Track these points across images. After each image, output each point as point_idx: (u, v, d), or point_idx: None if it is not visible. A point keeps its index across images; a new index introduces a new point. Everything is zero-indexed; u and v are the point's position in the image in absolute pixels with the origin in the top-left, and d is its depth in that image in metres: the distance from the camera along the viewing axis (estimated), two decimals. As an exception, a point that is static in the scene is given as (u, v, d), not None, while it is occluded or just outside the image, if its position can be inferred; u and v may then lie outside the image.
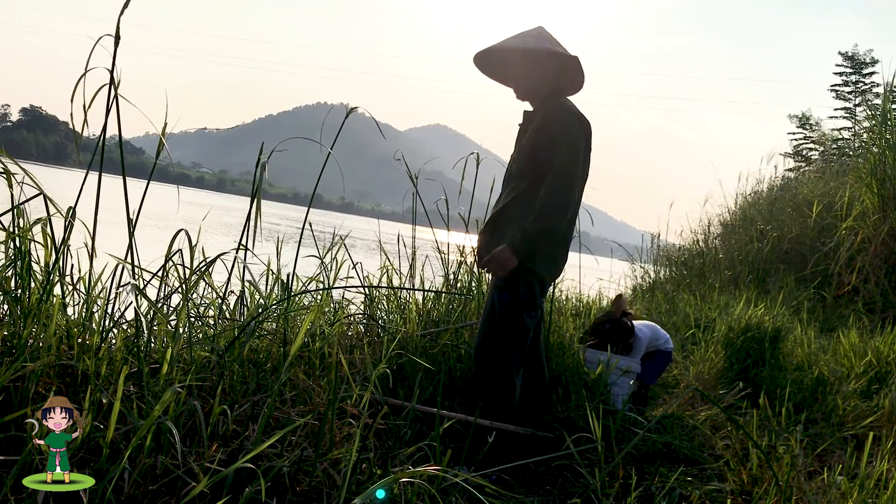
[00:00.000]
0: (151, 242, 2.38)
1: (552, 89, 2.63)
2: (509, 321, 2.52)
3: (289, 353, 1.87)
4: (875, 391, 3.71)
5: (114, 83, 1.87)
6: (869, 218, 6.78)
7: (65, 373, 1.78)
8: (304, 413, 1.97)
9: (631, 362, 3.35)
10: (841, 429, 3.23)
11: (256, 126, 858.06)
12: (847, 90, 15.34)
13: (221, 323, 2.37)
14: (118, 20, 1.83)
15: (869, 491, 2.11)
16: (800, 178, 11.03)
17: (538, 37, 2.61)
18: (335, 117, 2.46)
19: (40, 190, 1.87)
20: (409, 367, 2.70)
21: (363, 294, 3.15)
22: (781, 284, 7.12)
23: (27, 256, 1.80)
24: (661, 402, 3.78)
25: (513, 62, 2.66)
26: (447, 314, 3.25)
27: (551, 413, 2.85)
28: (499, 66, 2.74)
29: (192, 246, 2.21)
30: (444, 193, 3.40)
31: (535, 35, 2.62)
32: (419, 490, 1.75)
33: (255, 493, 1.50)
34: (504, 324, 2.52)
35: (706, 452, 2.76)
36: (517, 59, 2.62)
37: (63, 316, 1.86)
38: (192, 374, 1.81)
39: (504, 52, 2.65)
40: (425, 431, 2.40)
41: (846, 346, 4.43)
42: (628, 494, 2.14)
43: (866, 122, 10.17)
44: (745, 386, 3.66)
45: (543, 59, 2.58)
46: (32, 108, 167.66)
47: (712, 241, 10.04)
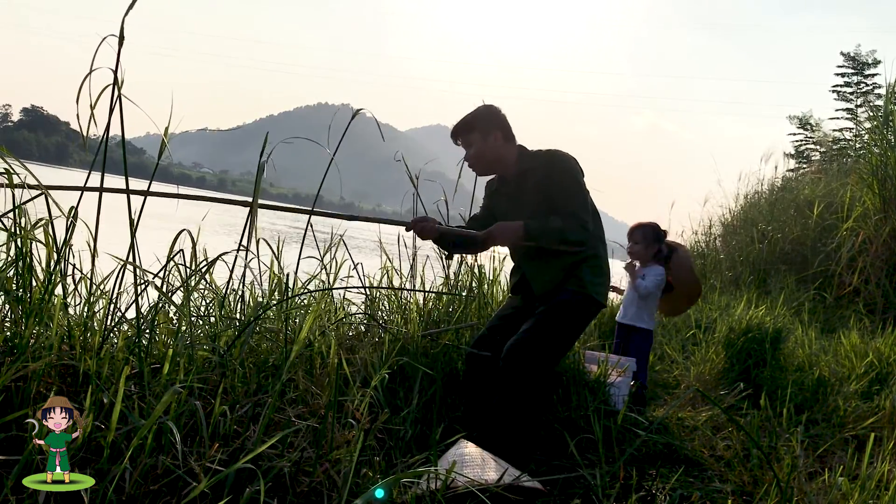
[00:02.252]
0: (153, 242, 2.39)
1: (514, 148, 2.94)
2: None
3: (290, 353, 1.87)
4: (876, 392, 3.71)
5: (117, 83, 1.88)
6: (870, 219, 6.77)
7: (66, 373, 1.78)
8: (304, 416, 1.97)
9: (629, 361, 3.35)
10: (842, 429, 3.23)
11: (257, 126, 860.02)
12: (849, 91, 15.34)
13: (223, 323, 2.37)
14: (122, 20, 1.84)
15: (870, 492, 2.11)
16: (801, 179, 11.02)
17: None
18: (339, 119, 2.47)
19: (42, 190, 1.87)
20: (409, 367, 2.70)
21: (364, 294, 3.16)
22: (782, 285, 7.12)
23: (29, 256, 1.80)
24: (661, 402, 3.78)
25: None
26: (448, 314, 3.25)
27: (552, 414, 2.85)
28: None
29: (193, 246, 2.21)
30: (444, 194, 3.40)
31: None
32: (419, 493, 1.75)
33: (255, 493, 1.50)
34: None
35: (707, 453, 2.76)
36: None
37: (64, 316, 1.86)
38: (193, 374, 1.81)
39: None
40: (426, 432, 2.41)
41: (847, 347, 4.43)
42: (629, 495, 2.14)
43: (868, 122, 10.16)
44: (745, 387, 3.65)
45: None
46: (34, 108, 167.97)
47: (713, 241, 10.04)
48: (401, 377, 2.68)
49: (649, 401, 3.62)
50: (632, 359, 3.38)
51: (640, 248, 3.71)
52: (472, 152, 2.89)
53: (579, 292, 2.75)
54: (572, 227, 2.69)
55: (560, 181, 2.77)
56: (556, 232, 2.67)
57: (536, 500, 2.14)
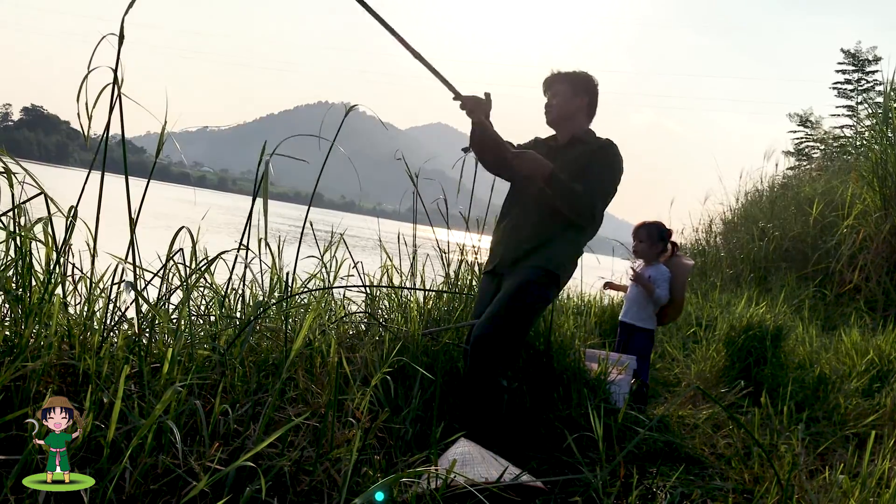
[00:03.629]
0: (153, 241, 2.38)
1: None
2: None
3: (290, 352, 1.87)
4: (877, 390, 3.71)
5: (117, 82, 1.87)
6: (870, 216, 6.77)
7: (66, 372, 1.78)
8: (304, 415, 1.97)
9: (630, 359, 3.35)
10: (842, 427, 3.23)
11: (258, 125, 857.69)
12: (849, 88, 15.31)
13: (223, 321, 2.37)
14: (122, 19, 1.83)
15: (871, 490, 2.11)
16: (801, 177, 11.02)
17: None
18: (335, 116, 2.46)
19: (41, 189, 1.87)
20: (409, 366, 2.70)
21: (364, 293, 3.15)
22: (783, 283, 7.12)
23: (28, 256, 1.80)
24: (662, 400, 3.78)
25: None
26: (448, 313, 3.24)
27: (552, 412, 2.85)
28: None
29: (193, 244, 2.21)
30: (444, 192, 3.40)
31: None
32: (420, 492, 1.75)
33: (255, 492, 1.50)
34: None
35: (708, 451, 2.76)
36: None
37: (64, 315, 1.86)
38: (193, 374, 1.81)
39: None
40: (426, 431, 2.40)
41: (848, 345, 4.43)
42: (629, 493, 2.14)
43: (868, 120, 10.14)
44: (746, 384, 3.66)
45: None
46: (34, 107, 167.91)
47: (714, 239, 10.04)
48: (402, 376, 2.68)
49: (650, 399, 3.62)
50: (632, 357, 3.38)
51: (645, 246, 3.72)
52: (555, 101, 2.96)
53: (542, 268, 2.71)
54: (586, 203, 2.70)
55: (600, 167, 2.81)
56: (573, 195, 2.68)
57: (537, 498, 2.14)
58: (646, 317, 3.67)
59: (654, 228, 3.73)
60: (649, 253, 3.71)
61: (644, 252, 3.73)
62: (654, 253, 3.71)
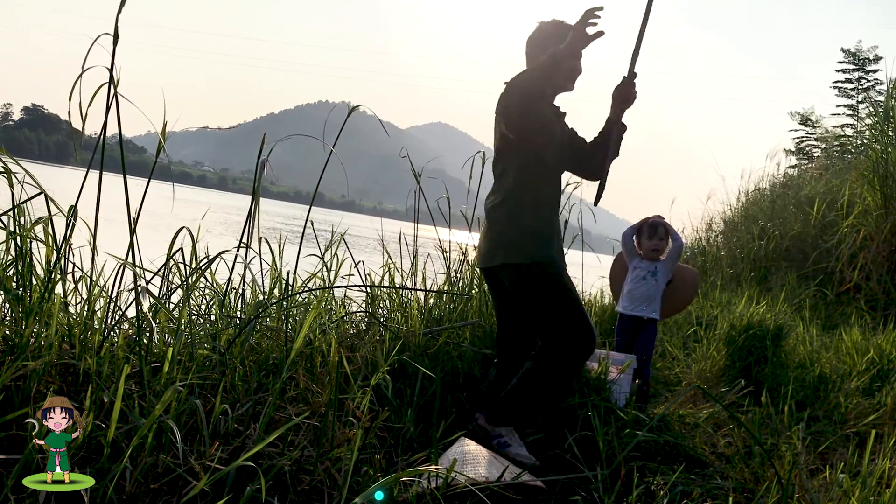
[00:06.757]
0: (153, 241, 2.38)
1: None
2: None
3: (290, 352, 1.87)
4: (877, 389, 3.71)
5: (113, 82, 1.87)
6: (871, 215, 6.77)
7: (66, 372, 1.78)
8: (305, 414, 1.97)
9: (630, 358, 3.34)
10: (843, 426, 3.23)
11: (258, 124, 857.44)
12: (850, 87, 15.28)
13: (223, 321, 2.37)
14: (116, 18, 1.83)
15: (871, 489, 2.10)
16: (802, 176, 11.01)
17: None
18: (337, 116, 2.46)
19: (41, 189, 1.87)
20: (409, 365, 2.70)
21: (365, 292, 3.15)
22: (783, 282, 7.11)
23: (29, 255, 1.80)
24: (662, 399, 3.78)
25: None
26: (449, 313, 3.24)
27: (553, 410, 2.85)
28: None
29: (194, 244, 2.21)
30: (445, 192, 3.40)
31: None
32: (420, 491, 1.75)
33: (255, 491, 1.50)
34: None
35: (708, 450, 2.76)
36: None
37: (64, 315, 1.86)
38: (194, 373, 1.81)
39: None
40: (427, 430, 2.40)
41: (848, 344, 4.42)
42: (630, 492, 2.14)
43: (869, 119, 10.14)
44: (746, 384, 3.65)
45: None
46: (34, 106, 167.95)
47: (714, 238, 10.03)
48: (403, 376, 2.68)
49: (650, 398, 3.61)
50: (632, 356, 3.38)
51: (665, 243, 3.71)
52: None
53: (522, 264, 2.59)
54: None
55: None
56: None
57: (537, 497, 2.14)
58: (657, 308, 3.66)
59: (668, 226, 3.76)
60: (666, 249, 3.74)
61: (664, 249, 3.73)
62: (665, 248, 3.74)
